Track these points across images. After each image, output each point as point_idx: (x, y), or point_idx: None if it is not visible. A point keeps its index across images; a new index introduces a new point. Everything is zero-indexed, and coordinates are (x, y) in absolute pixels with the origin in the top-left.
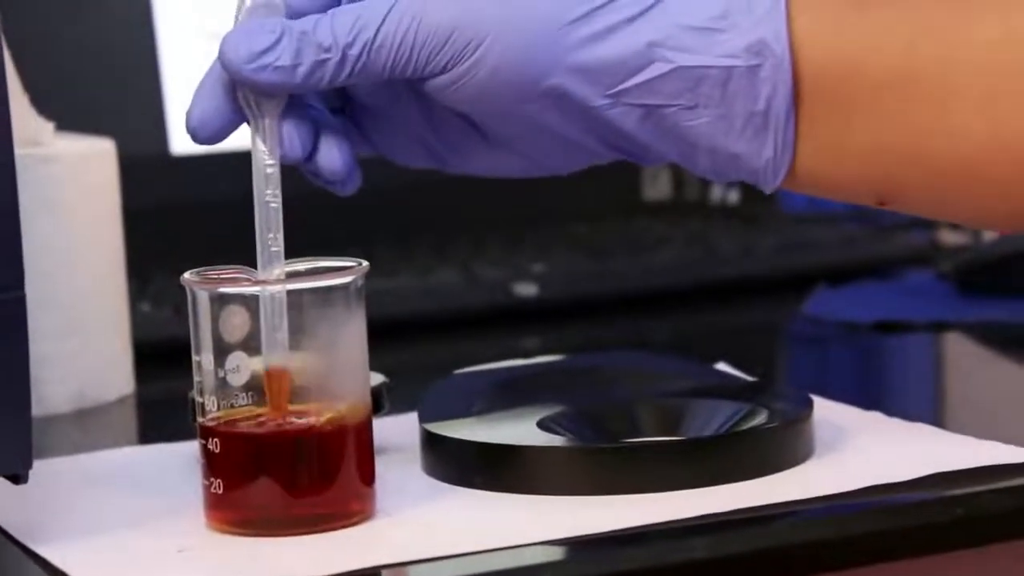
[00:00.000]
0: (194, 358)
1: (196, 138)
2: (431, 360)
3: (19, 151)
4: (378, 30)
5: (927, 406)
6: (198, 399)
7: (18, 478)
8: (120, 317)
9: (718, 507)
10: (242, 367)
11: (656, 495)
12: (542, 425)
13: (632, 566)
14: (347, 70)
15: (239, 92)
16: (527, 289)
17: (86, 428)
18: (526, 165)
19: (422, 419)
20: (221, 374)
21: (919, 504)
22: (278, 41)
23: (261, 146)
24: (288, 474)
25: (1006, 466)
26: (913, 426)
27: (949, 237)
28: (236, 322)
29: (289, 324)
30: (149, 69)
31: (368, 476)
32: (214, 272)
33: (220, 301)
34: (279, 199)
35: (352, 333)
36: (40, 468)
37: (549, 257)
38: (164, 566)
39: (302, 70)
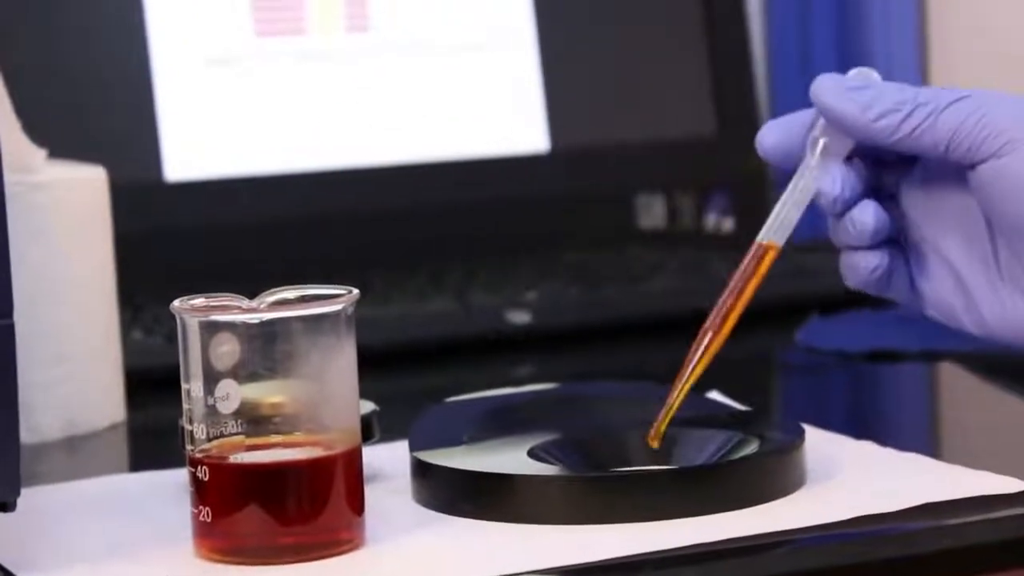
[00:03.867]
0: (183, 386)
1: (760, 147)
2: (424, 388)
3: (10, 178)
4: (948, 105)
5: (920, 435)
6: (187, 427)
7: (6, 506)
8: (111, 345)
9: (709, 536)
10: (232, 395)
11: (647, 524)
12: (533, 454)
13: None
14: (912, 124)
15: (812, 130)
16: (520, 317)
17: (76, 456)
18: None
19: (412, 447)
20: (211, 402)
21: (908, 534)
22: (864, 87)
23: (802, 183)
24: (277, 503)
25: (996, 496)
26: (905, 456)
27: None
28: (226, 350)
29: (279, 352)
30: (143, 96)
31: (358, 505)
32: (204, 299)
33: (210, 329)
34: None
35: (342, 361)
36: (29, 496)
37: (542, 285)
38: None
39: (874, 111)
